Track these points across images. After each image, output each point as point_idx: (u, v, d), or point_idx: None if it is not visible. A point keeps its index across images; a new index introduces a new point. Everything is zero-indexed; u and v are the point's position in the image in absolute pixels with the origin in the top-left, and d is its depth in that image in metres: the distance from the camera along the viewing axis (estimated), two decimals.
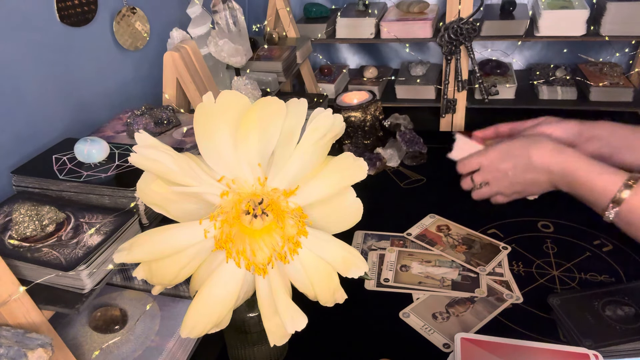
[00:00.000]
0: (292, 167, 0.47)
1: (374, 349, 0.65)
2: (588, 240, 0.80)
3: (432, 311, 0.69)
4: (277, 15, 1.24)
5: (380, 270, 0.77)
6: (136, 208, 0.62)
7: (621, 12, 1.10)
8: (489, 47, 1.38)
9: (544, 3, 1.17)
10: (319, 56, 1.50)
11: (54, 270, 0.53)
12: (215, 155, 0.47)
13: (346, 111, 1.05)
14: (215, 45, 0.96)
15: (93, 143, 0.67)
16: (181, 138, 0.78)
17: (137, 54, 0.95)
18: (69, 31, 0.80)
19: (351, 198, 0.50)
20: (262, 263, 0.48)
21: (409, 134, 1.05)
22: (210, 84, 0.93)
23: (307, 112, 0.47)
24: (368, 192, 0.53)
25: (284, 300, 0.48)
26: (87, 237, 0.57)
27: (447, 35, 1.10)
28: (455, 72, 1.14)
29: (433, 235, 0.83)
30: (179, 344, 0.64)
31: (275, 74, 1.09)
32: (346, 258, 0.50)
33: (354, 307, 0.64)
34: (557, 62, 1.34)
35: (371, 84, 1.35)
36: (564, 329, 0.64)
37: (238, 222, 0.47)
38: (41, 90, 0.76)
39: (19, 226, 0.57)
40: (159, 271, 0.48)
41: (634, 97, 1.18)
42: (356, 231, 0.85)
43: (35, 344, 0.48)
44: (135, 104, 0.93)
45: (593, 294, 0.67)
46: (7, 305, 0.51)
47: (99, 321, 0.65)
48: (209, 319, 0.49)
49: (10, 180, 0.68)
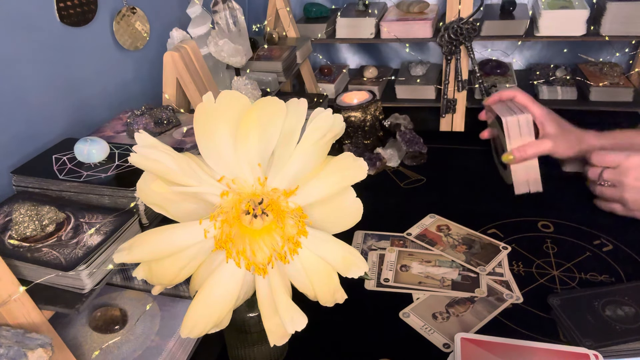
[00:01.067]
0: (292, 167, 0.47)
1: (374, 349, 0.65)
2: (588, 240, 0.80)
3: (432, 311, 0.69)
4: (277, 15, 1.24)
5: (380, 270, 0.77)
6: (136, 208, 0.62)
7: (621, 12, 1.10)
8: (489, 47, 1.38)
9: (544, 3, 1.17)
10: (319, 56, 1.50)
11: (54, 270, 0.53)
12: (215, 155, 0.47)
13: (346, 111, 1.05)
14: (215, 45, 0.96)
15: (93, 143, 0.67)
16: (181, 138, 0.78)
17: (137, 54, 0.95)
18: (69, 31, 0.80)
19: (351, 198, 0.50)
20: (262, 263, 0.48)
21: (409, 134, 1.05)
22: (210, 84, 0.93)
23: (307, 112, 0.47)
24: (368, 192, 0.53)
25: (284, 300, 0.48)
26: (87, 237, 0.57)
27: (447, 35, 1.10)
28: (455, 72, 1.14)
29: (433, 235, 0.83)
30: (179, 344, 0.64)
31: (275, 74, 1.09)
32: (346, 258, 0.50)
33: (354, 307, 0.64)
34: (557, 62, 1.34)
35: (371, 84, 1.35)
36: (564, 329, 0.64)
37: (238, 222, 0.47)
38: (41, 90, 0.76)
39: (19, 226, 0.57)
40: (159, 271, 0.48)
41: (634, 97, 1.18)
42: (356, 231, 0.85)
43: (35, 344, 0.48)
44: (135, 104, 0.93)
45: (593, 294, 0.67)
46: (7, 305, 0.51)
47: (99, 321, 0.65)
48: (209, 319, 0.49)
49: (10, 180, 0.68)
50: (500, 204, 0.89)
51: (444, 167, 1.03)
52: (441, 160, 1.06)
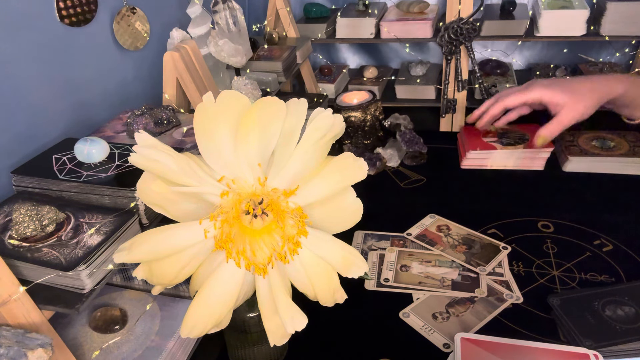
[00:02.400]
0: (292, 167, 0.47)
1: (374, 349, 0.65)
2: (588, 240, 0.80)
3: (432, 311, 0.69)
4: (277, 15, 1.24)
5: (380, 270, 0.77)
6: (136, 208, 0.62)
7: (621, 12, 1.10)
8: (489, 47, 1.38)
9: (544, 3, 1.17)
10: (319, 56, 1.50)
11: (54, 270, 0.53)
12: (215, 155, 0.47)
13: (346, 111, 1.05)
14: (215, 45, 0.96)
15: (93, 143, 0.67)
16: (181, 138, 0.78)
17: (137, 54, 0.95)
18: (69, 31, 0.80)
19: (351, 198, 0.50)
20: (262, 263, 0.48)
21: (409, 134, 1.05)
22: (210, 84, 0.93)
23: (307, 112, 0.47)
24: (368, 192, 0.53)
25: (284, 300, 0.48)
26: (87, 237, 0.57)
27: (447, 35, 1.10)
28: (455, 72, 1.14)
29: (433, 235, 0.83)
30: (179, 344, 0.64)
31: (275, 74, 1.09)
32: (346, 258, 0.50)
33: (354, 307, 0.64)
34: (557, 62, 1.34)
35: (371, 84, 1.35)
36: (564, 329, 0.64)
37: (238, 222, 0.47)
38: (41, 90, 0.76)
39: (19, 226, 0.57)
40: (159, 271, 0.48)
41: None
42: (356, 231, 0.85)
43: (35, 344, 0.48)
44: (135, 104, 0.93)
45: (593, 294, 0.67)
46: (7, 305, 0.51)
47: (99, 321, 0.65)
48: (209, 319, 0.49)
49: (10, 180, 0.68)
50: (500, 204, 0.89)
51: (444, 167, 1.03)
52: (441, 160, 1.06)
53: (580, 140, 0.99)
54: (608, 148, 0.96)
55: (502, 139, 1.01)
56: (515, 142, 1.00)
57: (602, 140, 0.99)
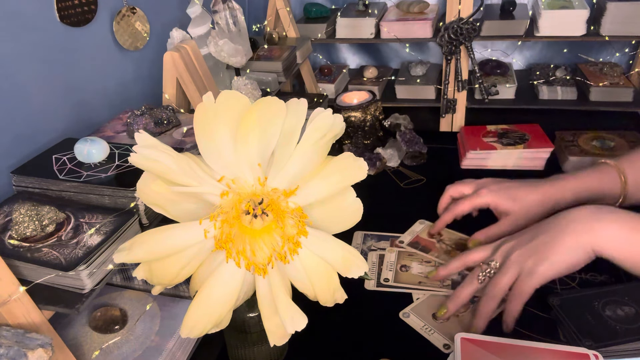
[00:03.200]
0: (292, 167, 0.47)
1: (374, 349, 0.65)
2: None
3: (432, 311, 0.69)
4: (277, 15, 1.24)
5: (380, 270, 0.77)
6: (136, 208, 0.62)
7: (621, 12, 1.10)
8: (489, 47, 1.38)
9: (544, 3, 1.17)
10: (319, 56, 1.50)
11: (54, 270, 0.53)
12: (215, 155, 0.47)
13: (346, 111, 1.05)
14: (215, 45, 0.96)
15: (93, 143, 0.67)
16: (181, 138, 0.78)
17: (137, 54, 0.95)
18: (69, 31, 0.80)
19: (351, 198, 0.50)
20: (262, 263, 0.48)
21: (409, 134, 1.05)
22: (210, 84, 0.93)
23: (307, 112, 0.47)
24: (368, 192, 0.53)
25: (284, 300, 0.48)
26: (87, 237, 0.57)
27: (447, 35, 1.10)
28: (455, 72, 1.14)
29: (426, 242, 0.82)
30: (179, 344, 0.64)
31: (275, 74, 1.09)
32: (346, 258, 0.50)
33: (354, 307, 0.64)
34: (557, 62, 1.34)
35: (371, 84, 1.35)
36: (564, 329, 0.64)
37: (238, 222, 0.47)
38: (41, 90, 0.76)
39: (19, 226, 0.57)
40: (159, 271, 0.48)
41: (634, 97, 1.18)
42: (356, 231, 0.85)
43: (35, 344, 0.48)
44: (135, 104, 0.93)
45: (593, 294, 0.67)
46: (7, 305, 0.51)
47: (99, 321, 0.66)
48: (209, 319, 0.49)
49: (10, 180, 0.68)
50: None
51: (444, 167, 1.03)
52: (441, 160, 1.06)
53: (580, 140, 0.99)
54: (608, 148, 0.96)
55: (502, 139, 1.01)
56: (515, 142, 1.00)
57: (602, 141, 0.99)
